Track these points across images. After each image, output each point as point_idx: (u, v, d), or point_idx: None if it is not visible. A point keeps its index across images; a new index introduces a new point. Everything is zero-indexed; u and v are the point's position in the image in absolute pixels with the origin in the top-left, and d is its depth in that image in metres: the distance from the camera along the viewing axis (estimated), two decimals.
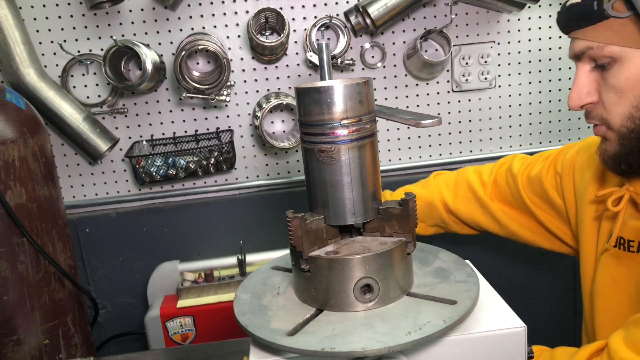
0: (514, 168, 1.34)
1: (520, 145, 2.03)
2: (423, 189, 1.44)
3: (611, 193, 1.04)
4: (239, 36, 1.81)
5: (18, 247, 1.41)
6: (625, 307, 1.05)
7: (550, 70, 1.98)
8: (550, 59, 1.97)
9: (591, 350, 0.92)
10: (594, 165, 1.14)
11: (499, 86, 1.97)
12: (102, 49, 1.76)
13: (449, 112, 1.97)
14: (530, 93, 1.99)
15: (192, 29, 1.79)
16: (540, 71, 1.98)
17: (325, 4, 1.81)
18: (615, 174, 1.03)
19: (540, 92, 2.00)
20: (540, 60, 1.97)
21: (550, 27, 1.93)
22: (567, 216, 1.23)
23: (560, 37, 1.94)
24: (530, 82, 1.98)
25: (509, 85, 1.97)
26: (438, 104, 1.96)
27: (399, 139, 1.97)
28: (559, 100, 2.01)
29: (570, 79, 1.99)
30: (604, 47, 0.91)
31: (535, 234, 1.33)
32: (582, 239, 1.16)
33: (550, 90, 2.00)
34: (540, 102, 2.00)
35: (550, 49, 1.96)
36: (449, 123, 1.98)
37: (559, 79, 1.99)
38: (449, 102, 1.96)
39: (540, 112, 2.01)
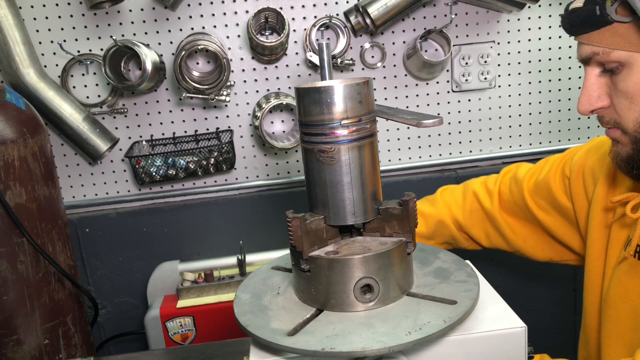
0: (518, 174, 1.30)
1: (520, 145, 2.03)
2: (432, 207, 1.39)
3: (628, 199, 1.00)
4: (238, 36, 1.81)
5: (18, 247, 1.41)
6: (628, 318, 1.02)
7: (550, 70, 1.98)
8: (550, 59, 1.97)
9: None
10: (605, 166, 1.10)
11: (499, 86, 1.97)
12: (102, 49, 1.76)
13: (449, 112, 1.97)
14: (530, 93, 1.99)
15: (192, 28, 1.79)
16: (540, 71, 1.98)
17: (325, 4, 1.81)
18: (628, 177, 1.00)
19: (540, 92, 2.00)
20: (540, 61, 1.97)
21: (550, 27, 1.93)
22: (577, 220, 1.19)
23: (560, 37, 1.94)
24: (530, 82, 1.98)
25: (509, 85, 1.97)
26: (438, 104, 1.96)
27: (398, 139, 1.97)
28: (559, 100, 2.01)
29: (570, 79, 1.99)
30: (610, 52, 0.88)
31: (540, 246, 1.30)
32: (589, 246, 1.13)
33: (550, 90, 2.00)
34: (540, 102, 2.00)
35: (550, 49, 1.96)
36: (449, 123, 1.98)
37: (559, 79, 1.99)
38: (448, 102, 1.96)
39: (540, 112, 2.01)
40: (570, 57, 1.97)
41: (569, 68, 1.98)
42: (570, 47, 1.96)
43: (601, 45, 0.89)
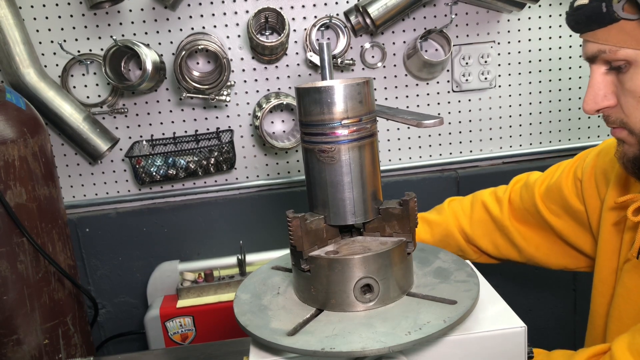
0: (529, 181, 1.27)
1: (520, 145, 2.03)
2: (438, 215, 1.36)
3: (632, 201, 0.98)
4: (239, 36, 1.81)
5: (18, 247, 1.41)
6: (631, 319, 1.01)
7: (550, 70, 1.98)
8: (550, 59, 1.97)
9: (589, 354, 0.89)
10: (617, 167, 1.07)
11: (499, 86, 1.97)
12: (102, 49, 1.76)
13: (449, 112, 1.97)
14: (530, 93, 1.99)
15: (192, 28, 1.79)
16: (540, 71, 1.98)
17: (325, 4, 1.81)
18: (635, 178, 0.98)
19: (540, 92, 2.00)
20: (540, 60, 1.97)
21: (550, 27, 1.93)
22: (589, 222, 1.16)
23: (560, 37, 1.94)
24: (530, 82, 1.98)
25: (509, 85, 1.97)
26: (438, 104, 1.96)
27: (398, 139, 1.97)
28: (559, 100, 2.01)
29: (570, 78, 1.99)
30: (617, 51, 0.86)
31: (554, 253, 1.26)
32: (600, 246, 1.11)
33: (550, 90, 2.00)
34: (540, 102, 2.00)
35: (550, 48, 1.96)
36: (449, 123, 1.98)
37: (559, 79, 1.99)
38: (449, 102, 1.96)
39: (540, 112, 2.01)
40: (570, 57, 1.97)
41: (569, 68, 1.98)
42: (570, 47, 1.96)
43: (607, 43, 0.87)
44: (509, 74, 1.97)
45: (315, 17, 1.81)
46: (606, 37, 0.86)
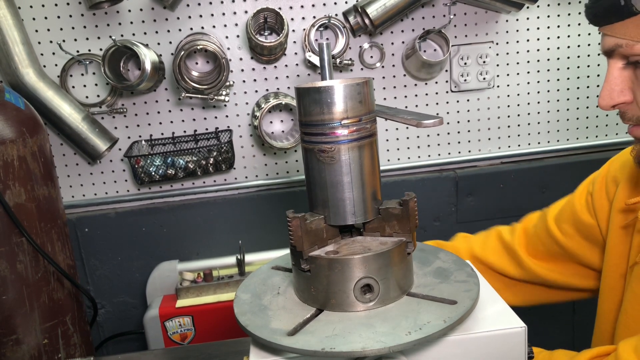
0: (546, 209, 1.24)
1: (519, 146, 2.04)
2: (450, 240, 1.34)
3: None
4: (237, 36, 1.81)
5: (17, 247, 1.41)
6: (638, 324, 0.99)
7: (548, 70, 1.98)
8: (548, 59, 1.97)
9: (593, 354, 0.88)
10: (627, 169, 1.06)
11: (498, 86, 1.97)
12: (101, 49, 1.76)
13: (448, 112, 1.97)
14: (528, 93, 2.00)
15: (191, 29, 1.79)
16: (538, 71, 1.98)
17: (324, 4, 1.81)
18: None
19: (538, 92, 2.00)
20: (538, 61, 1.97)
21: (548, 27, 1.94)
22: (602, 235, 1.12)
23: (558, 37, 1.95)
24: (528, 83, 1.99)
25: (508, 85, 1.98)
26: (437, 104, 1.96)
27: (398, 139, 1.97)
28: (557, 100, 2.01)
29: (568, 79, 2.00)
30: (634, 45, 0.84)
31: (568, 275, 1.21)
32: (607, 250, 1.08)
33: (548, 91, 2.00)
34: (538, 103, 2.01)
35: (548, 49, 1.96)
36: (448, 123, 1.98)
37: (557, 79, 2.00)
38: (447, 102, 1.96)
39: (538, 113, 2.02)
40: (568, 58, 1.98)
41: (567, 68, 1.99)
42: (568, 47, 1.96)
43: (625, 37, 0.85)
44: (508, 74, 1.97)
45: (314, 17, 1.81)
46: (624, 31, 0.85)
